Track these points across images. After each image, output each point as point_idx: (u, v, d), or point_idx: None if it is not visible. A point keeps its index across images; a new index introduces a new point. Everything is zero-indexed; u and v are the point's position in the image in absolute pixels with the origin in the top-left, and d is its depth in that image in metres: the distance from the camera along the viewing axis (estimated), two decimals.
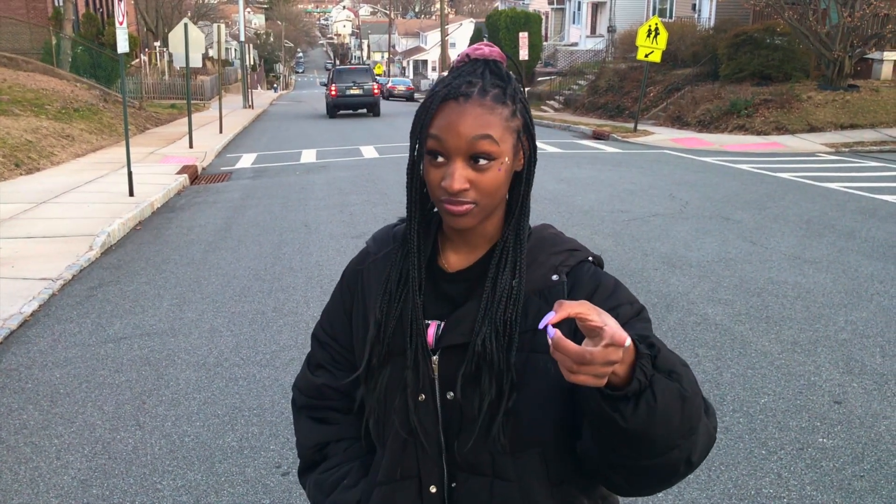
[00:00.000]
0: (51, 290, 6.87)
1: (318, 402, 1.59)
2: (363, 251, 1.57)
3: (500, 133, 1.31)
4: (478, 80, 1.33)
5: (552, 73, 36.38)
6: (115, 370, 5.17)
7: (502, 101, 1.33)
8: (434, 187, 1.33)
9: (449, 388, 1.39)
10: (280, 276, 7.36)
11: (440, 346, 1.39)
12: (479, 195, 1.31)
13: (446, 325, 1.40)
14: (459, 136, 1.29)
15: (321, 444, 1.58)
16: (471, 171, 1.30)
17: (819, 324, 5.79)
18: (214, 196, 12.32)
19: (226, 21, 57.23)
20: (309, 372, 1.62)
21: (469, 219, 1.33)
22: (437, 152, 1.31)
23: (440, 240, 1.46)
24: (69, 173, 13.57)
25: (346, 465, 1.55)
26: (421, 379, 1.40)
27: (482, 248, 1.43)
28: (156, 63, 36.29)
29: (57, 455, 4.06)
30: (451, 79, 1.35)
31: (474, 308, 1.38)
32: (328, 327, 1.59)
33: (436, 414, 1.41)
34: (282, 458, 3.98)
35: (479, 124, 1.29)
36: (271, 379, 4.95)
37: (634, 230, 8.73)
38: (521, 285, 1.36)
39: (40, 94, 19.13)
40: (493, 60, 1.38)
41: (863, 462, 3.84)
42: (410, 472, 1.44)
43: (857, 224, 9.07)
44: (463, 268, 1.43)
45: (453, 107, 1.31)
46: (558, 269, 1.41)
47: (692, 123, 21.33)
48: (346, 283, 1.57)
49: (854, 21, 19.38)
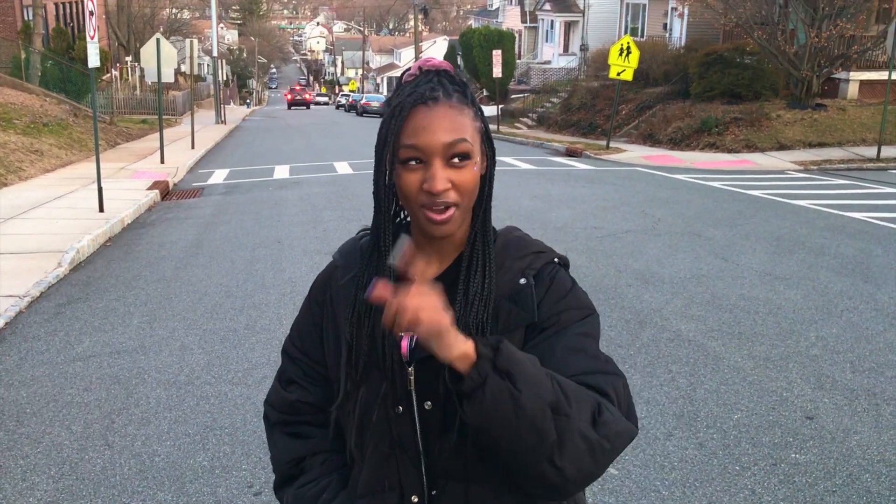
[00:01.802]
0: (18, 308, 6.75)
1: (292, 417, 1.58)
2: (331, 266, 1.56)
3: (471, 134, 1.35)
4: (438, 86, 1.35)
5: (526, 90, 36.62)
6: (83, 389, 5.08)
7: (465, 103, 1.36)
8: (413, 194, 1.33)
9: (426, 399, 1.40)
10: (252, 292, 7.29)
11: (415, 358, 1.39)
12: (460, 195, 1.33)
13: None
14: (437, 138, 1.31)
15: (297, 458, 1.57)
16: (450, 172, 1.32)
17: (790, 340, 5.84)
18: (186, 212, 12.21)
19: (198, 36, 57.01)
20: (281, 388, 1.60)
21: (451, 225, 1.35)
22: (413, 158, 1.32)
23: None
24: (38, 189, 13.39)
25: (324, 479, 1.54)
26: (398, 391, 1.41)
27: (451, 256, 1.44)
28: (127, 78, 36.01)
29: (23, 476, 3.97)
30: (411, 88, 1.36)
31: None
32: (298, 342, 1.58)
33: (414, 424, 1.42)
34: (254, 477, 3.93)
35: (453, 126, 1.32)
36: (243, 397, 4.89)
37: (608, 246, 8.78)
38: (491, 288, 1.39)
39: (8, 108, 18.88)
40: (443, 70, 1.40)
41: (835, 477, 3.87)
42: (391, 483, 1.44)
43: (827, 241, 9.20)
44: (432, 277, 1.43)
45: (424, 111, 1.32)
46: (525, 271, 1.42)
47: (664, 141, 21.55)
48: (314, 299, 1.57)
49: (821, 41, 19.76)
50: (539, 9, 40.91)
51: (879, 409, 4.64)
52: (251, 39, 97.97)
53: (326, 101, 77.60)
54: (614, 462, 3.96)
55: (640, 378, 5.12)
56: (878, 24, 21.92)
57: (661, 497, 3.71)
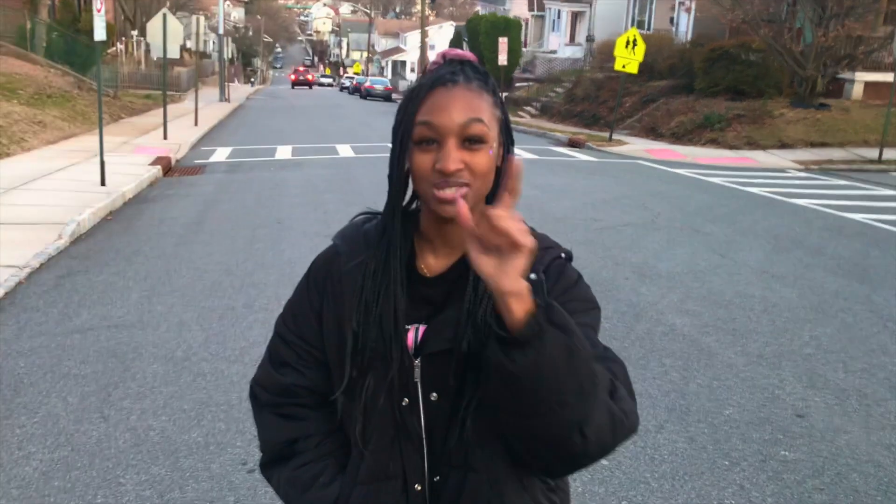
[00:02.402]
0: (17, 278, 6.77)
1: (285, 399, 1.55)
2: (332, 250, 1.53)
3: (488, 118, 1.34)
4: (460, 72, 1.36)
5: (530, 79, 36.53)
6: (80, 361, 5.11)
7: (485, 90, 1.37)
8: (425, 173, 1.33)
9: (431, 391, 1.41)
10: (251, 271, 7.32)
11: (423, 352, 1.40)
12: (472, 177, 1.32)
13: (429, 331, 1.41)
14: (452, 117, 1.31)
15: (290, 440, 1.55)
16: (464, 153, 1.31)
17: (784, 338, 5.88)
18: (187, 189, 12.22)
19: (205, 13, 56.74)
20: (273, 370, 1.56)
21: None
22: (428, 138, 1.32)
23: (417, 242, 1.46)
24: (40, 160, 13.38)
25: (320, 463, 1.53)
26: (404, 383, 1.41)
27: (460, 250, 1.41)
28: (132, 52, 35.89)
29: (19, 446, 4.00)
30: (433, 73, 1.37)
31: (454, 313, 1.39)
32: (293, 325, 1.55)
33: (419, 415, 1.43)
34: (248, 454, 3.96)
35: (470, 107, 1.32)
36: (239, 375, 4.92)
37: (606, 239, 8.81)
38: None
39: (13, 78, 18.85)
40: (467, 60, 1.42)
41: (823, 475, 3.91)
42: (395, 471, 1.45)
43: (824, 241, 9.23)
44: (441, 271, 1.44)
45: (442, 92, 1.33)
46: (535, 266, 1.38)
47: (666, 135, 21.55)
48: (313, 284, 1.54)
49: (828, 41, 19.72)
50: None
51: (870, 410, 4.68)
52: (257, 18, 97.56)
53: (330, 83, 77.40)
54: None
55: (633, 371, 5.14)
56: (886, 25, 21.86)
57: (650, 489, 3.75)
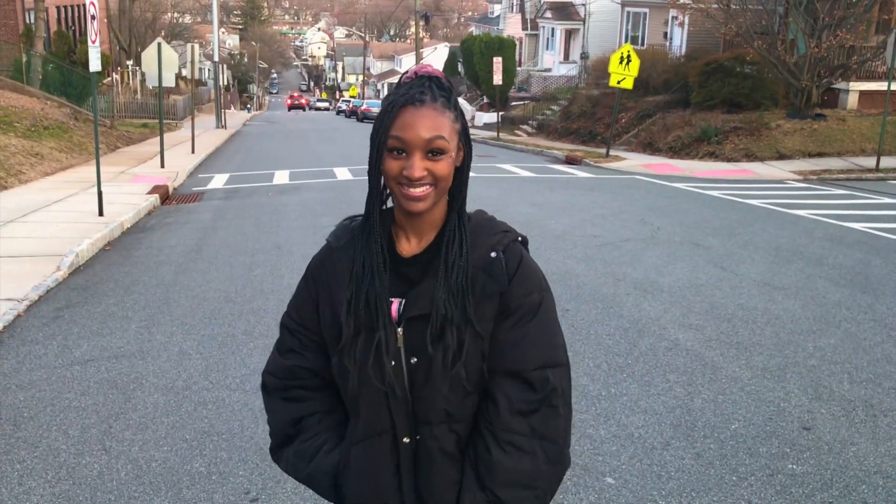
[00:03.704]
0: (16, 311, 6.75)
1: (290, 381, 1.81)
2: (325, 247, 1.81)
3: (449, 133, 1.62)
4: (427, 91, 1.62)
5: (526, 97, 36.67)
6: (81, 393, 5.08)
7: (448, 107, 1.63)
8: (395, 177, 1.61)
9: (412, 355, 1.68)
10: (251, 298, 7.30)
11: (403, 319, 1.68)
12: (434, 179, 1.61)
13: (407, 301, 1.68)
14: (418, 134, 1.58)
15: (296, 419, 1.81)
16: (427, 162, 1.60)
17: (788, 350, 5.85)
18: (185, 216, 12.22)
19: (200, 41, 57.12)
20: (280, 356, 1.83)
21: (425, 202, 1.61)
22: (399, 149, 1.60)
23: (393, 230, 1.74)
24: (38, 192, 13.39)
25: (323, 434, 1.80)
26: (390, 347, 1.67)
27: (429, 235, 1.72)
28: (128, 82, 36.05)
29: (19, 481, 3.96)
30: (405, 90, 1.63)
31: (430, 285, 1.66)
32: (296, 316, 1.83)
33: (402, 376, 1.69)
34: (251, 483, 3.93)
35: (433, 126, 1.59)
36: (241, 403, 4.89)
37: (606, 255, 8.79)
38: (467, 258, 1.67)
39: (9, 111, 18.90)
40: (436, 76, 1.67)
41: (832, 488, 3.87)
42: (385, 427, 1.71)
43: (826, 251, 9.21)
44: (417, 252, 1.72)
45: (411, 111, 1.59)
46: (495, 247, 1.70)
47: (663, 149, 21.58)
48: (311, 277, 1.81)
49: (821, 52, 19.80)
50: (540, 16, 40.98)
51: (877, 420, 4.65)
52: (252, 44, 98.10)
53: (327, 107, 77.65)
54: (612, 472, 3.97)
55: (637, 387, 5.12)
56: (878, 34, 21.97)
57: None
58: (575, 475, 3.94)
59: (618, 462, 4.11)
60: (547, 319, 1.73)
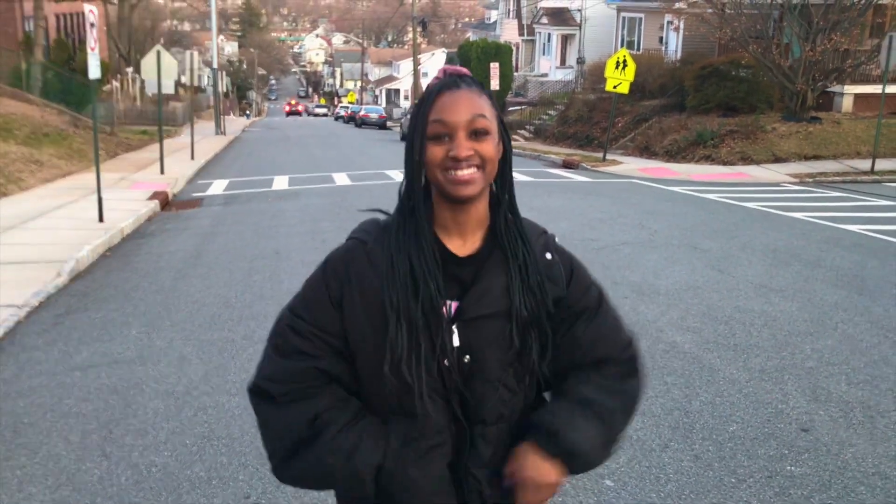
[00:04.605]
0: (16, 318, 6.76)
1: (299, 385, 1.63)
2: (354, 243, 1.67)
3: (490, 114, 1.59)
4: (460, 80, 1.61)
5: (523, 102, 36.73)
6: (81, 399, 5.09)
7: (484, 93, 1.61)
8: (440, 163, 1.56)
9: (465, 354, 1.62)
10: (250, 303, 7.31)
11: (462, 318, 1.61)
12: (482, 160, 1.56)
13: (469, 299, 1.62)
14: (460, 114, 1.55)
15: (311, 417, 1.62)
16: (472, 143, 1.56)
17: (786, 352, 5.87)
18: (185, 223, 12.23)
19: (199, 48, 57.20)
20: (286, 360, 1.64)
21: (474, 186, 1.56)
22: (441, 134, 1.56)
23: (436, 230, 1.65)
24: (38, 199, 13.41)
25: (354, 428, 1.63)
26: (446, 347, 1.61)
27: (476, 233, 1.66)
28: (128, 89, 36.08)
29: (19, 487, 3.98)
30: (437, 81, 1.61)
31: (493, 283, 1.62)
32: (308, 317, 1.65)
33: (457, 376, 1.63)
34: (251, 488, 3.94)
35: (474, 105, 1.57)
36: (241, 408, 4.90)
37: (604, 258, 8.81)
38: (535, 255, 1.67)
39: (9, 118, 18.92)
40: (465, 73, 1.65)
41: (830, 490, 3.89)
42: (441, 427, 1.64)
43: (822, 253, 9.23)
44: (471, 252, 1.65)
45: (448, 95, 1.57)
46: (546, 247, 1.72)
47: (660, 153, 21.63)
48: (332, 275, 1.65)
49: (815, 55, 19.87)
50: (536, 22, 41.08)
51: (874, 422, 4.67)
52: (251, 51, 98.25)
53: (325, 113, 77.73)
54: (610, 474, 3.99)
55: None
56: (872, 38, 22.05)
57: None
58: (573, 478, 3.95)
59: (616, 464, 4.13)
60: (610, 305, 1.79)
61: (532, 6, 42.07)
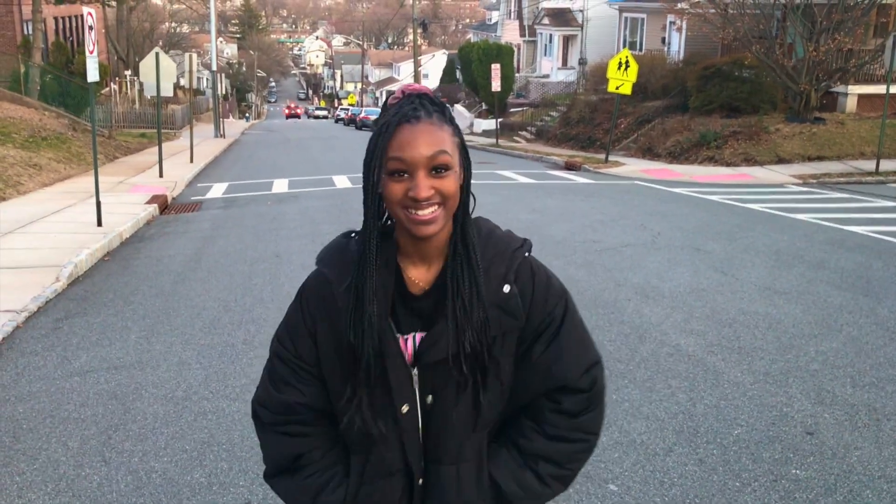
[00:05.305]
0: (15, 323, 6.73)
1: (286, 417, 1.68)
2: (321, 278, 1.66)
3: (451, 147, 1.52)
4: (420, 107, 1.53)
5: (524, 104, 36.71)
6: (80, 404, 5.05)
7: (444, 121, 1.54)
8: (399, 200, 1.51)
9: (427, 394, 1.63)
10: (250, 307, 7.27)
11: (421, 363, 1.60)
12: (443, 198, 1.51)
13: (423, 343, 1.60)
14: (420, 152, 1.48)
15: (295, 455, 1.70)
16: (433, 180, 1.49)
17: (790, 354, 5.83)
18: (184, 226, 12.20)
19: (197, 50, 57.22)
20: (273, 389, 1.70)
21: (436, 224, 1.51)
22: (400, 170, 1.50)
23: (399, 258, 1.62)
24: (36, 203, 13.38)
25: (326, 472, 1.70)
26: (404, 392, 1.61)
27: (438, 261, 1.61)
28: (126, 92, 36.07)
29: (19, 493, 3.94)
30: (396, 109, 1.53)
31: (447, 326, 1.57)
32: (290, 346, 1.69)
33: (416, 418, 1.64)
34: (251, 493, 3.90)
35: (434, 140, 1.49)
36: (241, 413, 4.86)
37: (607, 260, 8.77)
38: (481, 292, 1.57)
39: (7, 122, 18.90)
40: (424, 94, 1.57)
41: (836, 493, 3.85)
42: (397, 467, 1.66)
43: (826, 255, 9.19)
44: (428, 286, 1.62)
45: (408, 129, 1.49)
46: (506, 276, 1.61)
47: (662, 155, 21.58)
48: (306, 307, 1.68)
49: (819, 55, 19.82)
50: (538, 23, 41.05)
51: (880, 425, 4.62)
52: (250, 53, 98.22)
53: (325, 115, 77.76)
54: (614, 479, 3.95)
55: (639, 393, 5.10)
56: (876, 37, 22.00)
57: None
58: (577, 482, 3.91)
59: (620, 469, 4.09)
60: (574, 322, 1.69)
61: (533, 7, 42.06)
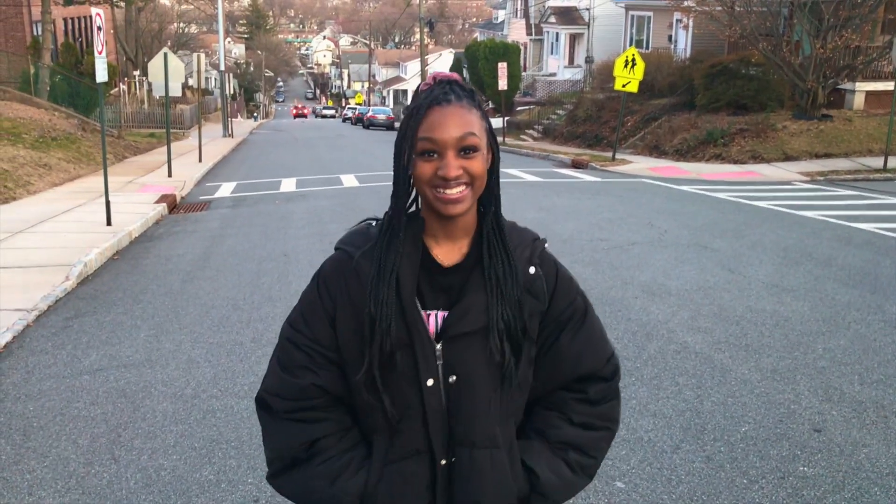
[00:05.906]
0: (25, 321, 6.77)
1: (303, 402, 1.66)
2: (342, 255, 1.68)
3: (479, 130, 1.57)
4: (450, 92, 1.59)
5: (531, 102, 36.68)
6: (90, 402, 5.09)
7: (473, 105, 1.60)
8: (429, 180, 1.56)
9: (451, 374, 1.63)
10: (259, 305, 7.30)
11: (447, 336, 1.62)
12: (471, 178, 1.56)
13: (452, 316, 1.62)
14: (450, 132, 1.54)
15: (311, 441, 1.67)
16: (461, 160, 1.55)
17: (798, 352, 5.82)
18: (193, 225, 12.25)
19: (206, 50, 57.36)
20: (288, 375, 1.68)
21: (463, 203, 1.56)
22: (430, 150, 1.55)
23: (425, 239, 1.65)
24: (46, 202, 13.45)
25: (345, 455, 1.68)
26: (428, 366, 1.61)
27: (463, 241, 1.65)
28: (135, 92, 36.21)
29: (29, 491, 3.97)
30: (427, 93, 1.59)
31: (477, 298, 1.62)
32: (307, 330, 1.68)
33: (440, 396, 1.63)
34: (260, 491, 3.92)
35: (464, 122, 1.55)
36: (249, 411, 4.89)
37: (614, 258, 8.77)
38: (516, 269, 1.63)
39: (17, 122, 19.00)
40: (454, 80, 1.63)
41: (843, 491, 3.84)
42: (421, 448, 1.64)
43: (834, 252, 9.17)
44: (456, 262, 1.65)
45: (438, 110, 1.55)
46: (531, 260, 1.68)
47: (669, 152, 21.55)
48: (324, 290, 1.68)
49: (826, 52, 19.74)
50: (544, 21, 41.00)
51: (888, 422, 4.62)
52: (258, 53, 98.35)
53: (333, 115, 77.82)
54: (621, 476, 3.95)
55: (646, 390, 5.10)
56: (884, 34, 21.91)
57: None
58: None
59: (627, 466, 4.10)
60: (594, 317, 1.79)
61: (540, 5, 42.00)
